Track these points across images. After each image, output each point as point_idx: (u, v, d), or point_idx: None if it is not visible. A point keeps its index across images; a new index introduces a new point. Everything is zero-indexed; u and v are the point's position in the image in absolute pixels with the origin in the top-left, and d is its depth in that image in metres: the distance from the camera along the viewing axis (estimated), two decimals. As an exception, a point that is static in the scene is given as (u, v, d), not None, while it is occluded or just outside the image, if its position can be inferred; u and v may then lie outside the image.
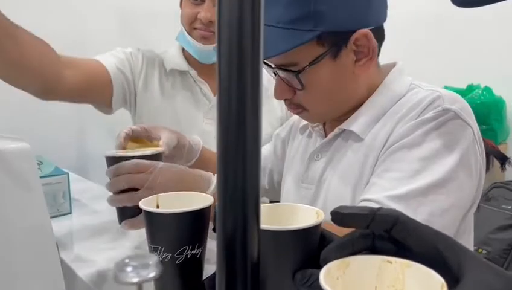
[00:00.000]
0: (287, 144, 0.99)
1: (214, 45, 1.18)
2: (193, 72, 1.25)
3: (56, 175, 1.01)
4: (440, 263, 0.42)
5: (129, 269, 0.31)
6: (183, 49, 1.28)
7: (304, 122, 0.93)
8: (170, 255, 0.61)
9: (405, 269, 0.43)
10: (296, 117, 0.99)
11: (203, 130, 1.22)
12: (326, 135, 0.86)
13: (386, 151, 0.74)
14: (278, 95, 0.80)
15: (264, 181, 1.04)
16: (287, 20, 0.71)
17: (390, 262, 0.44)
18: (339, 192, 0.79)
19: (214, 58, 1.21)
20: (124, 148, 0.86)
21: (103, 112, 1.27)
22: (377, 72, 0.83)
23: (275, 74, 0.79)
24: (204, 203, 0.63)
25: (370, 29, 0.75)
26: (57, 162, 1.27)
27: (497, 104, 2.32)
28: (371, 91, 0.81)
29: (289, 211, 0.59)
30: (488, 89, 2.34)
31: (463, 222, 0.76)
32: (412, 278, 0.41)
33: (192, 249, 0.61)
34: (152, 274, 0.31)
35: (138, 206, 0.64)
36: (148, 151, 0.81)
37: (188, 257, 0.61)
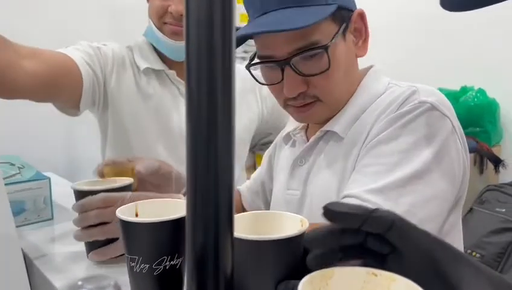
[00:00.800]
0: (274, 158, 0.98)
1: None
2: (170, 72, 1.18)
3: (37, 180, 0.98)
4: (435, 271, 0.39)
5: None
6: (153, 45, 1.20)
7: (287, 131, 0.91)
8: (148, 266, 0.58)
9: (390, 283, 0.40)
10: (280, 135, 0.98)
11: (184, 131, 1.18)
12: (308, 140, 0.85)
13: (366, 147, 0.74)
14: (291, 90, 0.75)
15: (259, 203, 1.02)
16: None
17: (376, 275, 0.41)
18: (324, 194, 0.78)
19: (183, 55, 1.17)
20: (103, 175, 0.83)
21: (68, 113, 1.16)
22: (358, 71, 0.84)
23: (282, 71, 0.75)
24: (184, 211, 0.60)
25: None
26: (44, 165, 1.24)
27: (491, 106, 2.31)
28: (354, 90, 0.81)
29: (273, 219, 0.57)
30: (481, 91, 2.33)
31: (448, 219, 0.74)
32: (399, 292, 0.39)
33: (172, 259, 0.58)
34: None
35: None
36: (117, 184, 0.78)
37: (167, 268, 0.58)
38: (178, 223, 0.59)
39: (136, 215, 0.63)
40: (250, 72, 0.80)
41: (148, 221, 0.58)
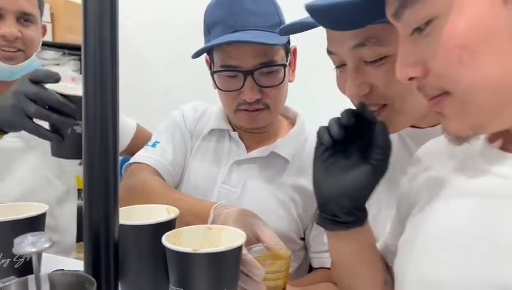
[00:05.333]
0: (189, 139, 1.07)
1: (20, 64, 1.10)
2: None
3: None
4: None
5: (27, 241, 0.40)
6: None
7: (213, 126, 1.04)
8: (9, 260, 0.65)
9: (221, 232, 0.61)
10: (202, 120, 1.08)
11: (3, 148, 1.15)
12: (243, 144, 1.02)
13: None
14: (251, 96, 0.92)
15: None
16: (269, 26, 0.91)
17: (210, 228, 0.61)
18: (266, 201, 0.97)
19: (18, 75, 1.13)
20: None
21: None
22: None
23: (244, 80, 0.90)
24: (37, 211, 0.69)
25: None
26: None
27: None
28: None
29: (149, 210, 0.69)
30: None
31: None
32: (226, 238, 0.59)
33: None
34: (47, 245, 0.40)
35: None
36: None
37: (28, 259, 0.67)
38: (33, 220, 0.68)
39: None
40: (213, 78, 0.96)
41: (3, 220, 0.65)
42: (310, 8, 0.54)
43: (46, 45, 2.48)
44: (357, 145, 0.64)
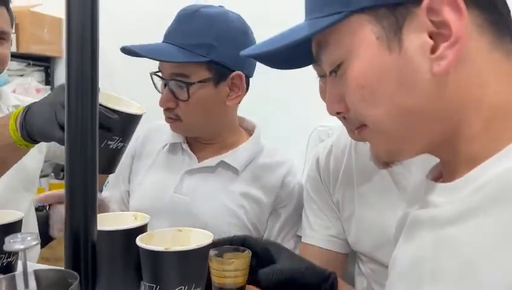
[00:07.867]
0: (136, 157, 1.13)
1: None
2: None
3: None
4: None
5: (17, 239, 0.45)
6: None
7: (166, 141, 1.09)
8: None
9: (190, 234, 0.67)
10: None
11: None
12: (194, 154, 1.07)
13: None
14: (163, 103, 0.98)
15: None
16: (188, 44, 0.95)
17: (181, 231, 0.67)
18: (215, 208, 1.01)
19: None
20: None
21: None
22: (238, 118, 1.11)
23: (165, 86, 0.98)
24: (11, 218, 0.73)
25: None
26: None
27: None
28: (235, 131, 1.09)
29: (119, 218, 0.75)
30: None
31: None
32: (195, 238, 0.66)
33: (8, 257, 0.72)
34: (34, 242, 0.45)
35: None
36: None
37: (5, 264, 0.71)
38: (12, 226, 0.72)
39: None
40: (151, 77, 1.01)
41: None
42: (246, 55, 0.59)
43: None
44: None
